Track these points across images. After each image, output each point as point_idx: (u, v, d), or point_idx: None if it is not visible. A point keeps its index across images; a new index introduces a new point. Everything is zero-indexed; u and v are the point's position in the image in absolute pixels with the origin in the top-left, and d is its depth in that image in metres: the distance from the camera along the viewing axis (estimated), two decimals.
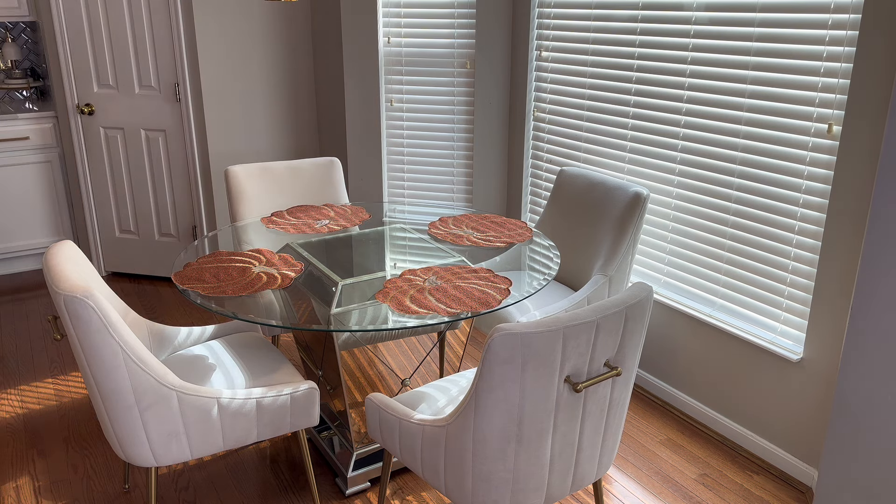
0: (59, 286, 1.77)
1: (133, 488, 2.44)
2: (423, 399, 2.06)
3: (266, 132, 4.15)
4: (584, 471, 1.83)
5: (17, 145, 4.06)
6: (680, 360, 2.89)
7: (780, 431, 2.54)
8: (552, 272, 2.30)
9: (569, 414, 1.68)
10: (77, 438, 2.72)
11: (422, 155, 3.72)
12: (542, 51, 3.41)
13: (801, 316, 2.44)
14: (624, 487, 2.46)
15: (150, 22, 3.76)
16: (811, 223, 2.35)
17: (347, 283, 2.19)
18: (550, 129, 3.45)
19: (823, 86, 2.25)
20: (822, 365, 2.36)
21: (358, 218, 2.83)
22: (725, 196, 2.62)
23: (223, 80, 3.91)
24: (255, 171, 3.04)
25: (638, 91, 2.90)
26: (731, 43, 2.50)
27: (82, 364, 1.86)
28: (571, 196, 2.95)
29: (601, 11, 3.03)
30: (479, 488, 1.71)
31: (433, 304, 2.02)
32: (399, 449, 1.92)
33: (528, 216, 3.74)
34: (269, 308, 2.04)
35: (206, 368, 2.22)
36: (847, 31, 2.17)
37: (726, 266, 2.66)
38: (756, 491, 2.45)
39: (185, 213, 4.10)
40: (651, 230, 2.96)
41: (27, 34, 4.47)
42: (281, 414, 2.08)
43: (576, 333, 1.57)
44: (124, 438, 1.92)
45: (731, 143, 2.56)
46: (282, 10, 4.00)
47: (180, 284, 2.14)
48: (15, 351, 3.39)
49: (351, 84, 3.71)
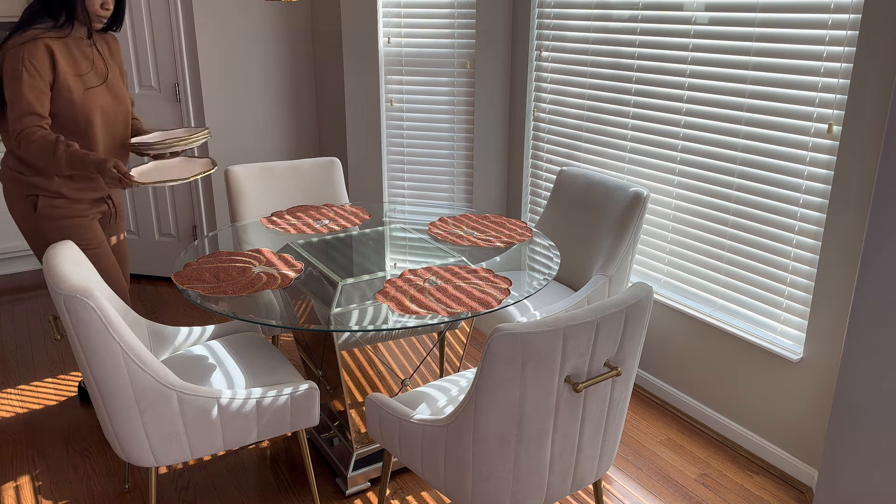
0: (59, 286, 1.77)
1: (133, 488, 2.44)
2: (423, 399, 2.06)
3: (266, 132, 4.15)
4: (584, 471, 1.83)
5: None
6: (680, 360, 2.89)
7: (780, 431, 2.54)
8: (552, 272, 2.31)
9: (569, 414, 1.68)
10: (77, 438, 2.72)
11: (422, 155, 3.72)
12: (542, 51, 3.41)
13: (800, 316, 2.44)
14: (624, 487, 2.46)
15: (149, 22, 3.76)
16: (811, 223, 2.35)
17: (347, 283, 2.19)
18: (550, 129, 3.45)
19: (823, 86, 2.26)
20: (822, 365, 2.36)
21: (358, 218, 2.83)
22: (725, 196, 2.62)
23: (223, 80, 3.91)
24: (255, 171, 3.04)
25: (638, 91, 2.90)
26: (730, 43, 2.50)
27: (82, 364, 1.86)
28: (571, 196, 2.95)
29: (601, 11, 3.03)
30: (479, 488, 1.71)
31: (433, 305, 2.02)
32: (399, 449, 1.92)
33: (528, 216, 3.74)
34: (269, 308, 2.04)
35: (206, 368, 2.22)
36: (847, 31, 2.17)
37: (726, 266, 2.66)
38: (756, 491, 2.45)
39: (185, 213, 4.10)
40: (651, 230, 2.96)
41: None
42: (281, 414, 2.08)
43: (576, 333, 1.57)
44: (124, 438, 1.92)
45: (731, 143, 2.56)
46: (282, 10, 4.00)
47: (180, 284, 2.15)
48: (15, 351, 3.39)
49: (351, 84, 3.71)
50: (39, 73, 2.23)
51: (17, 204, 2.43)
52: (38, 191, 2.39)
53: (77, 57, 2.34)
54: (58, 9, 2.29)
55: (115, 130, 2.48)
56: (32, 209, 2.41)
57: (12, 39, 2.25)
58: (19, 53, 2.21)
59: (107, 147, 2.47)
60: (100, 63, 2.42)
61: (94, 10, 2.31)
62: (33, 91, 2.22)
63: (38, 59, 2.23)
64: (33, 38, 2.24)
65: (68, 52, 2.31)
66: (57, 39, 2.28)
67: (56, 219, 2.42)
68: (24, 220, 2.45)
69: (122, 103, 2.50)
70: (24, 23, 2.28)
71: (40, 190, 2.39)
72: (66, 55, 2.30)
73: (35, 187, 2.39)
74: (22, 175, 2.39)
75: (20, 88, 2.21)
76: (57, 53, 2.26)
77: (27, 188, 2.40)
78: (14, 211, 2.45)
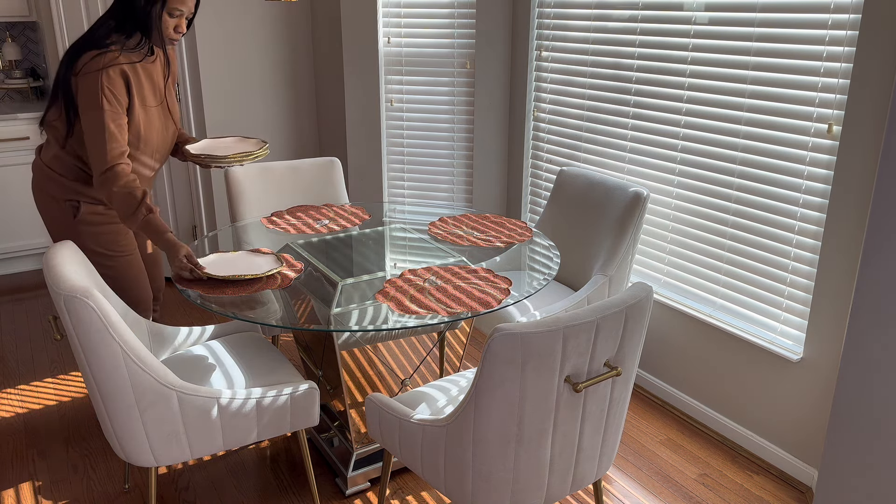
0: (59, 286, 1.77)
1: (133, 488, 2.44)
2: (423, 399, 2.06)
3: (266, 132, 4.15)
4: (584, 471, 1.83)
5: (17, 145, 4.06)
6: (680, 360, 2.89)
7: (780, 431, 2.54)
8: (552, 272, 2.31)
9: (569, 414, 1.68)
10: (77, 438, 2.72)
11: (422, 155, 3.72)
12: (542, 51, 3.41)
13: (801, 316, 2.44)
14: (624, 487, 2.46)
15: None
16: (811, 223, 2.35)
17: (347, 283, 2.19)
18: (550, 129, 3.45)
19: (823, 86, 2.26)
20: (822, 365, 2.36)
21: (358, 218, 2.83)
22: (725, 196, 2.62)
23: (223, 80, 3.91)
24: (255, 171, 3.04)
25: (638, 91, 2.90)
26: (730, 43, 2.50)
27: (82, 364, 1.86)
28: (571, 196, 2.95)
29: (601, 11, 3.03)
30: (479, 488, 1.71)
31: (433, 305, 2.02)
32: (399, 449, 1.92)
33: (528, 216, 3.74)
34: (269, 308, 2.04)
35: (206, 368, 2.22)
36: (847, 31, 2.17)
37: (726, 266, 2.66)
38: (756, 491, 2.45)
39: (185, 213, 4.10)
40: (651, 230, 2.96)
41: (27, 34, 4.47)
42: (281, 414, 2.08)
43: (576, 333, 1.57)
44: (124, 438, 1.92)
45: (731, 143, 2.56)
46: (282, 10, 4.00)
47: (180, 284, 2.14)
48: (15, 351, 3.39)
49: (351, 84, 3.71)
50: (119, 101, 2.18)
51: (52, 205, 2.37)
52: (80, 197, 2.34)
53: (143, 79, 2.28)
54: (133, 29, 2.21)
55: (164, 146, 2.44)
56: (72, 214, 2.35)
57: (88, 63, 2.16)
58: (97, 80, 2.14)
59: (157, 160, 2.43)
60: (159, 80, 2.36)
61: (168, 33, 2.24)
62: (115, 121, 2.17)
63: (116, 87, 2.17)
64: (111, 65, 2.17)
65: (137, 76, 2.26)
66: (130, 64, 2.23)
67: (96, 224, 2.38)
68: (57, 221, 2.38)
69: (174, 119, 2.46)
70: (97, 40, 2.21)
71: (83, 196, 2.34)
72: (136, 79, 2.25)
73: (77, 193, 2.34)
74: (64, 178, 2.33)
75: (103, 119, 2.15)
76: (132, 79, 2.22)
77: (68, 192, 2.34)
78: (46, 210, 2.38)
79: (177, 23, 2.24)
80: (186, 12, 2.24)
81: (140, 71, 2.27)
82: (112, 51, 2.20)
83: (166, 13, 2.19)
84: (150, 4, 2.18)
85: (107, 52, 2.18)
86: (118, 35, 2.23)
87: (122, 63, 2.20)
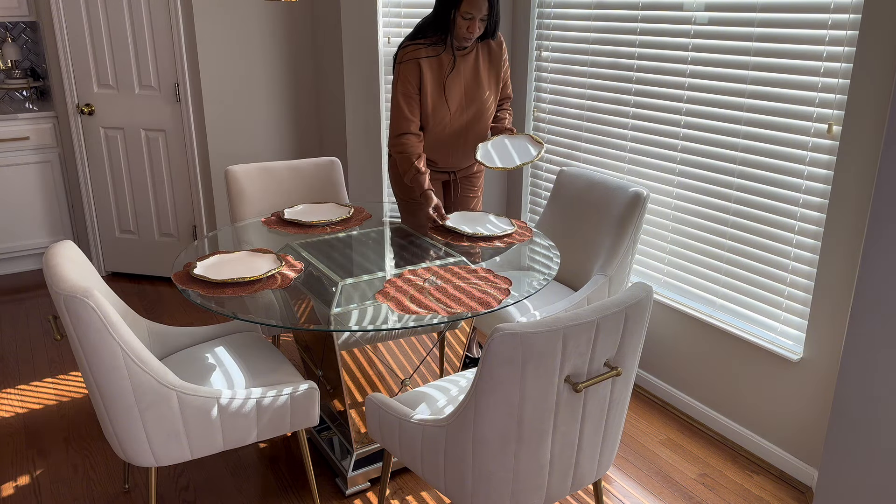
0: (59, 286, 1.77)
1: (133, 488, 2.44)
2: (423, 399, 2.06)
3: (266, 132, 4.15)
4: (584, 471, 1.83)
5: (17, 145, 4.06)
6: (680, 360, 2.89)
7: (780, 431, 2.54)
8: (552, 272, 2.31)
9: (569, 414, 1.68)
10: (77, 438, 2.72)
11: None
12: (542, 51, 3.41)
13: (800, 316, 2.44)
14: (624, 487, 2.46)
15: (150, 22, 3.76)
16: (811, 223, 2.35)
17: (347, 283, 2.19)
18: (550, 129, 3.45)
19: (823, 86, 2.26)
20: (822, 365, 2.36)
21: (358, 218, 2.83)
22: (725, 196, 2.62)
23: (223, 80, 3.91)
24: (255, 171, 3.04)
25: (638, 91, 2.90)
26: (730, 43, 2.50)
27: (82, 364, 1.86)
28: (571, 196, 2.95)
29: (601, 11, 3.03)
30: (479, 488, 1.71)
31: (433, 305, 2.02)
32: (399, 449, 1.92)
33: (528, 216, 3.74)
34: (269, 308, 2.04)
35: (206, 368, 2.22)
36: (847, 31, 2.17)
37: (726, 266, 2.66)
38: (756, 491, 2.45)
39: (185, 213, 4.10)
40: (651, 230, 2.96)
41: (27, 34, 4.47)
42: (281, 414, 2.08)
43: (576, 333, 1.57)
44: (124, 438, 1.92)
45: (731, 143, 2.56)
46: (282, 11, 4.00)
47: (180, 284, 2.15)
48: (15, 351, 3.39)
49: (351, 84, 3.71)
50: (412, 86, 2.67)
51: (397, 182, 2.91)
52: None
53: (440, 69, 2.69)
54: (442, 28, 2.63)
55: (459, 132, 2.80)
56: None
57: (399, 54, 2.69)
58: (398, 70, 2.68)
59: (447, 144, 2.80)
60: (467, 72, 2.74)
61: (462, 33, 2.61)
62: (407, 101, 2.68)
63: (410, 76, 2.66)
64: (411, 59, 2.66)
65: (434, 67, 2.68)
66: (428, 58, 2.67)
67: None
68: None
69: (474, 108, 2.78)
70: (415, 33, 2.70)
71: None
72: (431, 70, 2.67)
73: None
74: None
75: (398, 101, 2.69)
76: (425, 71, 2.66)
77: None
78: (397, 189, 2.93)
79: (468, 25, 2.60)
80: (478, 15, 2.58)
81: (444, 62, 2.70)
82: (418, 42, 2.68)
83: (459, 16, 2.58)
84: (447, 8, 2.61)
85: (414, 45, 2.68)
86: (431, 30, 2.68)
87: (420, 57, 2.66)
